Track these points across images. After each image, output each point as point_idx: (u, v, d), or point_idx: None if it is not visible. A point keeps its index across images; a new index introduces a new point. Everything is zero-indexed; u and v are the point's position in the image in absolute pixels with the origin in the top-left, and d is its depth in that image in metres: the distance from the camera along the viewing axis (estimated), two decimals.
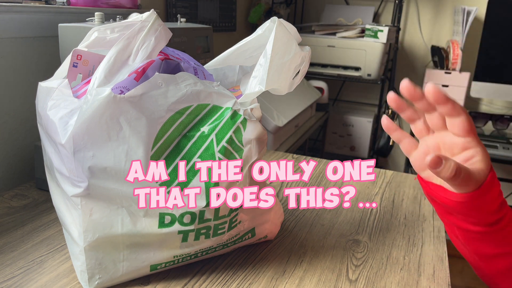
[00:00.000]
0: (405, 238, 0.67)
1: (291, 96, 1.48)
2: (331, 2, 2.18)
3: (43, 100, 0.50)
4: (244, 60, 0.58)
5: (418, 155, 0.52)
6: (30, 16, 0.80)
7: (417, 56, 2.13)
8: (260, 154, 0.52)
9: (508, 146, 1.70)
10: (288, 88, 0.52)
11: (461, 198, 0.47)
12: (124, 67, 0.49)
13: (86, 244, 0.47)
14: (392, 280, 0.56)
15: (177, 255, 0.52)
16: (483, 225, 0.49)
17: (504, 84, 1.83)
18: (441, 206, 0.51)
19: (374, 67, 1.74)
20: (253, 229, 0.58)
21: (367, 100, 2.24)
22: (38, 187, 0.79)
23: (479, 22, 1.96)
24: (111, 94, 0.45)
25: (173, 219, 0.49)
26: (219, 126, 0.49)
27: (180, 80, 0.48)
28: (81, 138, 0.45)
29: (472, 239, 0.52)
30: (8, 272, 0.54)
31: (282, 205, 0.76)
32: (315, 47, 1.80)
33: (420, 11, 2.07)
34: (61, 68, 0.57)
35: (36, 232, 0.64)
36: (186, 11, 1.47)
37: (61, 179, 0.48)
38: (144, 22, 0.51)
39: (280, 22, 0.50)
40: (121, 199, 0.47)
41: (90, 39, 0.54)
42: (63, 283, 0.53)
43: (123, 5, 1.02)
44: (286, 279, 0.55)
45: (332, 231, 0.68)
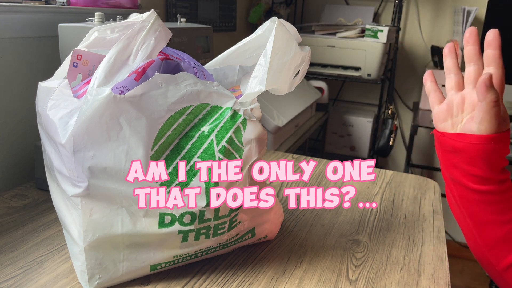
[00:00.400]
0: (405, 238, 0.67)
1: (291, 96, 1.48)
2: (331, 2, 2.18)
3: (43, 100, 0.50)
4: (244, 60, 0.58)
5: (442, 107, 0.57)
6: (30, 16, 0.80)
7: (417, 56, 2.13)
8: (260, 154, 0.52)
9: None
10: (288, 88, 0.52)
11: (478, 140, 0.51)
12: (124, 67, 0.49)
13: (86, 244, 0.47)
14: (392, 280, 0.56)
15: (177, 255, 0.52)
16: (486, 183, 0.51)
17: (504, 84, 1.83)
18: (450, 157, 0.54)
19: (374, 67, 1.74)
20: (253, 229, 0.58)
21: (367, 100, 2.24)
22: (38, 187, 0.79)
23: (479, 22, 1.96)
24: (111, 94, 0.45)
25: (173, 219, 0.49)
26: (219, 126, 0.49)
27: (180, 80, 0.49)
28: (81, 138, 0.45)
29: (470, 201, 0.53)
30: (8, 272, 0.54)
31: (282, 205, 0.76)
32: (315, 47, 1.80)
33: (420, 11, 2.07)
34: (61, 68, 0.57)
35: (36, 232, 0.64)
36: (186, 11, 1.47)
37: (61, 179, 0.48)
38: (144, 22, 0.51)
39: (280, 22, 0.50)
40: (121, 199, 0.47)
41: (90, 39, 0.54)
42: (63, 283, 0.53)
43: (123, 5, 1.02)
44: (286, 279, 0.56)
45: (332, 231, 0.68)
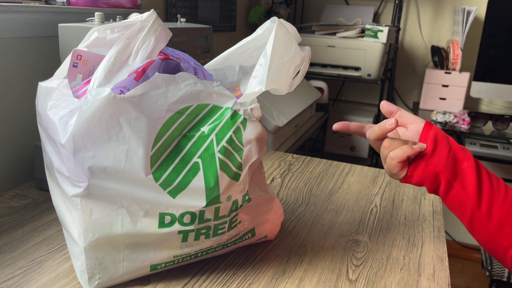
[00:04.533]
0: (405, 238, 0.67)
1: (291, 96, 1.48)
2: (331, 2, 2.18)
3: (43, 100, 0.50)
4: (244, 60, 0.58)
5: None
6: (30, 16, 0.80)
7: (417, 56, 2.13)
8: (260, 154, 0.52)
9: (508, 146, 1.70)
10: (288, 88, 0.52)
11: (404, 182, 0.59)
12: (124, 67, 0.49)
13: (86, 244, 0.47)
14: (392, 280, 0.56)
15: (177, 255, 0.52)
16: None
17: (504, 84, 1.83)
18: (427, 184, 0.58)
19: (374, 67, 1.74)
20: (253, 229, 0.58)
21: (367, 100, 2.24)
22: (38, 187, 0.79)
23: (479, 22, 1.96)
24: (111, 94, 0.45)
25: (173, 219, 0.49)
26: (219, 126, 0.49)
27: (180, 80, 0.48)
28: (81, 138, 0.45)
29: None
30: (8, 272, 0.54)
31: (282, 205, 0.76)
32: (315, 47, 1.80)
33: (420, 11, 2.07)
34: (61, 68, 0.57)
35: (36, 232, 0.64)
36: (186, 11, 1.47)
37: (61, 179, 0.48)
38: (144, 22, 0.51)
39: (280, 22, 0.50)
40: (121, 199, 0.47)
41: (90, 39, 0.54)
42: (63, 283, 0.52)
43: (123, 5, 1.02)
44: (286, 279, 0.55)
45: (332, 231, 0.68)
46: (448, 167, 0.56)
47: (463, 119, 1.80)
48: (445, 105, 1.96)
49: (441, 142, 0.57)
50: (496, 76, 1.83)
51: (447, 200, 0.57)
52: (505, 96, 1.85)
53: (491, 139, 1.76)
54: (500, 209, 0.54)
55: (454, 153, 0.57)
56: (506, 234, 0.54)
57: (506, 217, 0.54)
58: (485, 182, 0.56)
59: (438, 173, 0.56)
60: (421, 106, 2.00)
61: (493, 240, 0.55)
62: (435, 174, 0.56)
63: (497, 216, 0.54)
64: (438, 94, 1.96)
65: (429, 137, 0.57)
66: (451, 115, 1.81)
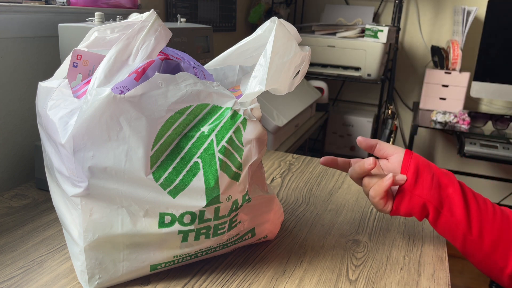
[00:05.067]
0: (405, 238, 0.67)
1: (291, 96, 1.48)
2: (331, 2, 2.18)
3: (43, 100, 0.50)
4: (244, 60, 0.58)
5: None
6: (30, 16, 0.80)
7: (417, 56, 2.13)
8: (260, 154, 0.52)
9: (508, 146, 1.70)
10: (288, 88, 0.52)
11: (393, 214, 0.60)
12: (124, 67, 0.49)
13: (86, 244, 0.47)
14: (392, 280, 0.56)
15: (177, 255, 0.52)
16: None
17: (504, 84, 1.83)
18: (415, 214, 0.59)
19: (374, 67, 1.74)
20: (253, 229, 0.58)
21: (367, 100, 2.24)
22: (38, 187, 0.79)
23: (479, 22, 1.96)
24: (111, 94, 0.45)
25: (173, 219, 0.49)
26: (219, 126, 0.49)
27: (180, 80, 0.48)
28: (81, 138, 0.45)
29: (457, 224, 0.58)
30: (8, 272, 0.54)
31: (282, 205, 0.76)
32: (315, 47, 1.80)
33: (420, 11, 2.07)
34: (61, 68, 0.57)
35: (36, 232, 0.64)
36: (186, 11, 1.47)
37: (61, 179, 0.48)
38: (144, 22, 0.51)
39: (280, 22, 0.50)
40: (121, 199, 0.47)
41: (90, 39, 0.54)
42: (63, 283, 0.53)
43: (123, 5, 1.02)
44: (286, 279, 0.55)
45: (332, 231, 0.68)
46: (433, 195, 0.56)
47: (463, 119, 1.80)
48: (445, 105, 1.96)
49: (423, 171, 0.57)
50: (496, 76, 1.83)
51: (438, 227, 0.58)
52: (505, 96, 1.85)
53: (491, 139, 1.76)
54: (491, 231, 0.54)
55: (437, 180, 0.57)
56: (500, 254, 0.54)
57: (498, 237, 0.54)
58: (472, 206, 0.55)
59: (425, 203, 0.56)
60: (421, 106, 2.00)
61: (488, 261, 0.55)
62: (422, 204, 0.56)
63: (489, 237, 0.54)
64: (438, 94, 1.96)
65: (410, 167, 0.57)
66: (451, 115, 1.81)
